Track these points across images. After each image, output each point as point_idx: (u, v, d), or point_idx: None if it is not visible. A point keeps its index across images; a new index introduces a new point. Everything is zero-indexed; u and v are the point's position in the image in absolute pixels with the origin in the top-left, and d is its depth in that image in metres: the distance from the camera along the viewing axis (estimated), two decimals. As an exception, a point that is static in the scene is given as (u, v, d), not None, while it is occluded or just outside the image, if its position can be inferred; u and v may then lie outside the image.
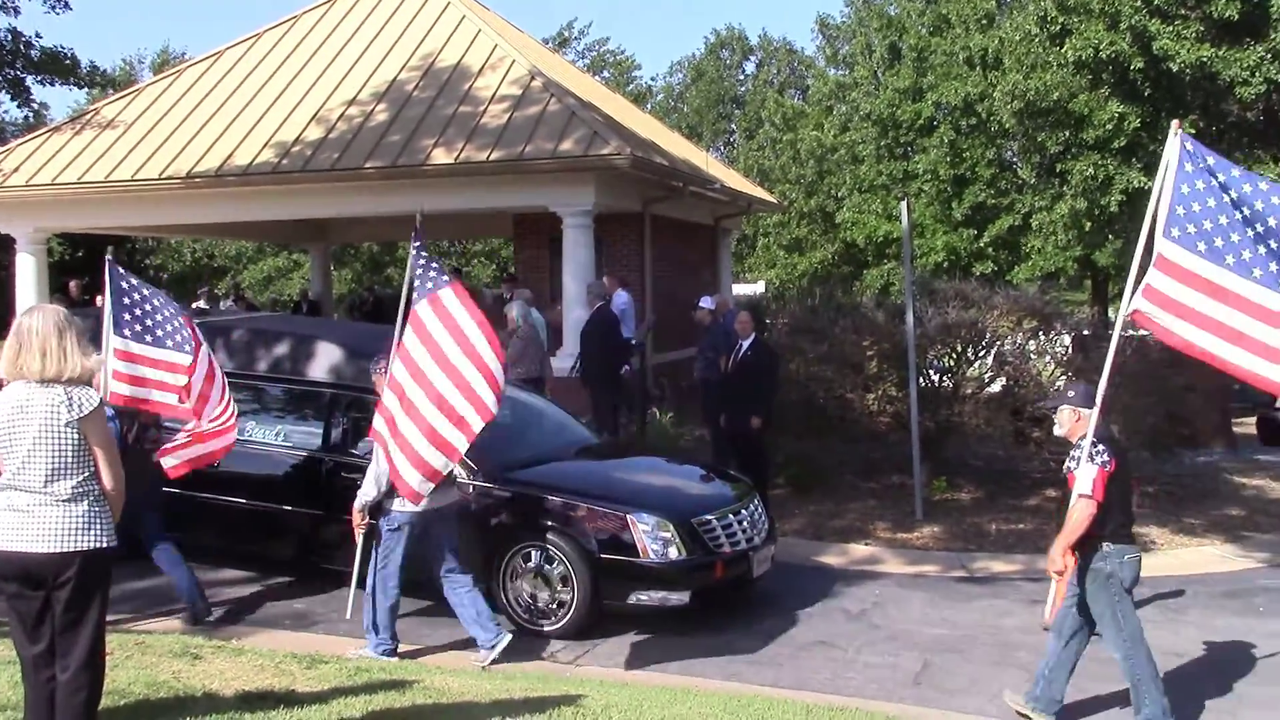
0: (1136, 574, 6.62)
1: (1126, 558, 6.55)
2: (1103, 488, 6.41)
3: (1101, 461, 6.45)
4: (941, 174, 29.93)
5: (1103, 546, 6.51)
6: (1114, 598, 6.51)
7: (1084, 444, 6.56)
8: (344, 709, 5.81)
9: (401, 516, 7.70)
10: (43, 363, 4.51)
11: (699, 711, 6.27)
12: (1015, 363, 13.42)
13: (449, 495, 7.92)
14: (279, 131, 16.62)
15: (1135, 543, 6.73)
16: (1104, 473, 6.43)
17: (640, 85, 51.47)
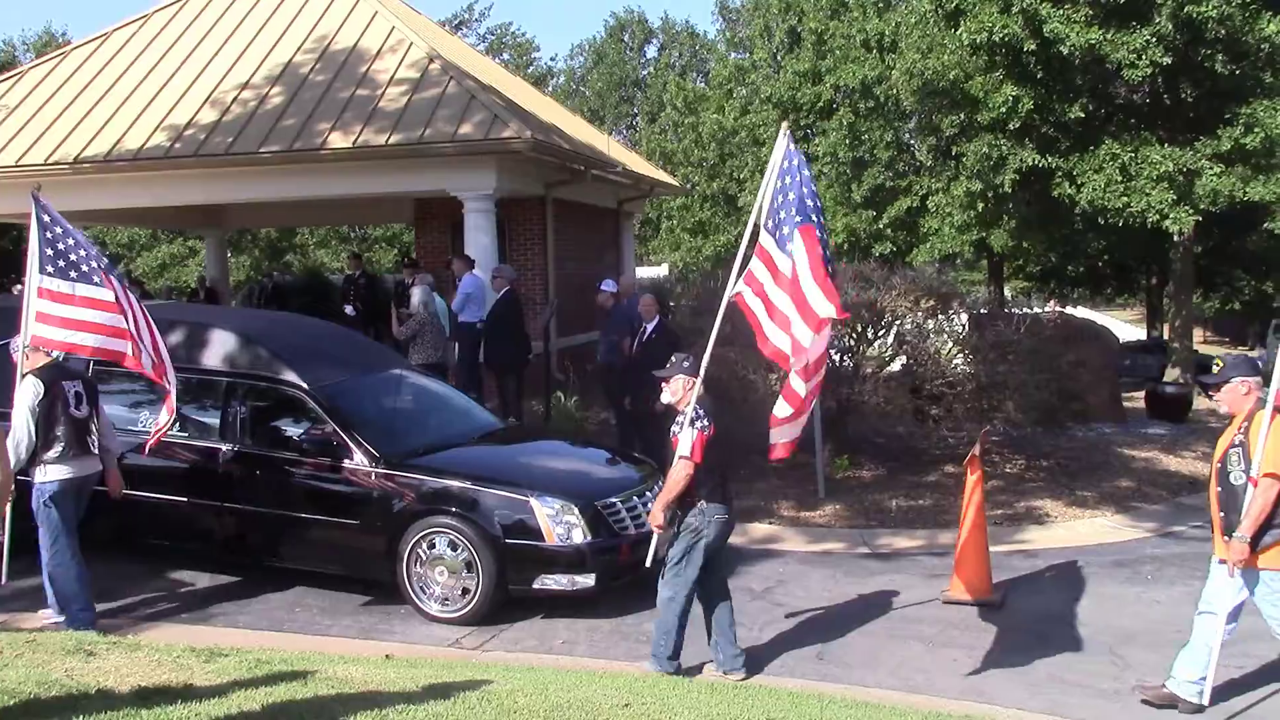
0: (721, 532, 7.21)
1: (716, 517, 7.12)
2: (701, 450, 6.96)
3: (701, 426, 6.98)
4: (841, 156, 30.28)
5: (699, 504, 7.06)
6: (689, 547, 7.08)
7: (687, 410, 7.06)
8: (244, 702, 5.71)
9: (49, 488, 7.75)
10: None
11: (605, 693, 6.28)
12: (914, 342, 13.63)
13: (90, 466, 8.03)
14: (171, 115, 16.22)
15: (726, 503, 7.24)
16: (703, 436, 6.97)
17: (541, 68, 51.22)
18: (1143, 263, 31.58)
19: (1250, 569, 6.42)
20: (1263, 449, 6.29)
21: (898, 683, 7.31)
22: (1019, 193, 21.56)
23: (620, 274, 19.87)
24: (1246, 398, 6.62)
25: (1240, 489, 6.41)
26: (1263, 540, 6.32)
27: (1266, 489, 6.25)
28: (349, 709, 5.60)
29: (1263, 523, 6.29)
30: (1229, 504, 6.50)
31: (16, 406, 7.84)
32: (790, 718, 5.99)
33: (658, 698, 6.25)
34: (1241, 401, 6.62)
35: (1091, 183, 19.86)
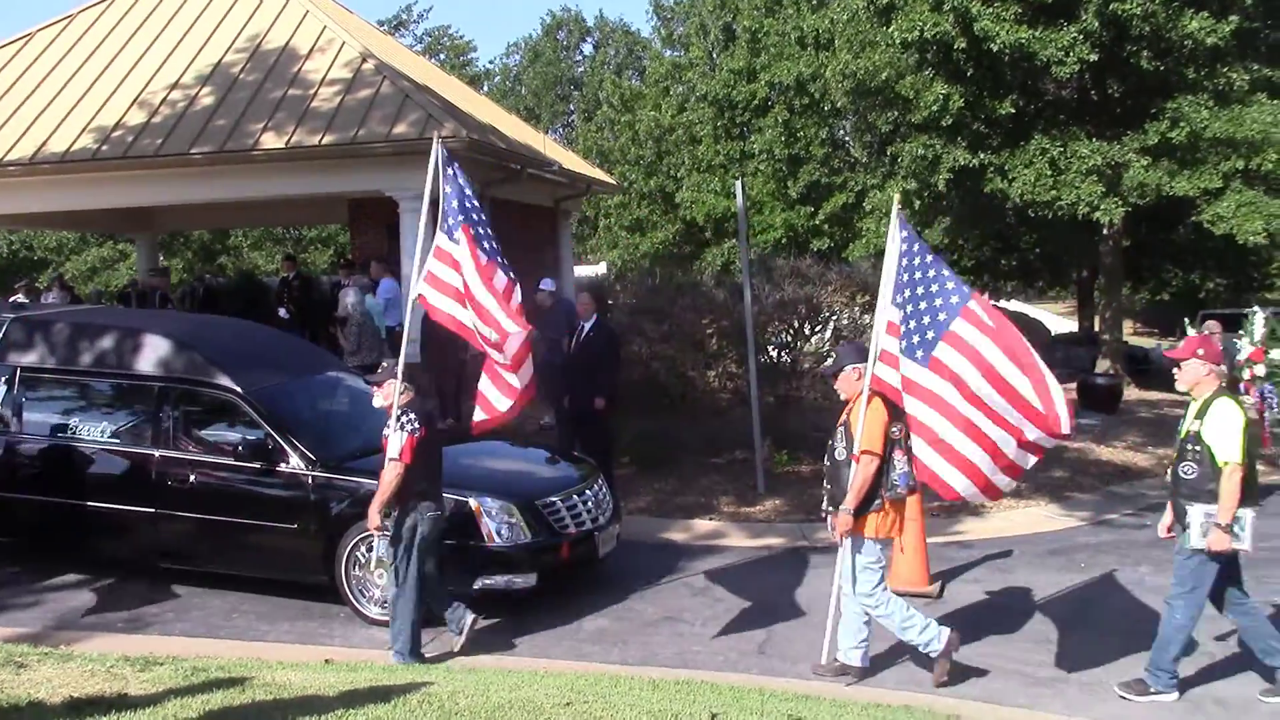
0: (435, 529, 7.48)
1: (429, 514, 7.45)
2: (410, 452, 7.28)
3: (411, 429, 7.32)
4: (777, 153, 30.42)
5: (411, 503, 7.37)
6: (408, 546, 7.39)
7: (395, 414, 7.43)
8: (180, 710, 5.64)
9: None
10: None
11: (546, 692, 6.27)
12: (850, 337, 13.74)
13: None
14: (98, 116, 15.94)
15: (437, 501, 7.57)
16: (412, 439, 7.30)
17: (477, 68, 50.97)
18: (1073, 256, 31.97)
19: (858, 536, 7.01)
20: (862, 429, 6.90)
21: (838, 675, 7.37)
22: (952, 190, 21.79)
23: (558, 273, 19.85)
24: (859, 382, 7.16)
25: (844, 464, 7.03)
26: (865, 511, 6.94)
27: (866, 464, 6.86)
28: (287, 714, 5.55)
29: (865, 495, 6.89)
30: (833, 478, 7.15)
31: None
32: (732, 711, 6.01)
33: (600, 695, 6.25)
34: (855, 386, 7.19)
35: (1022, 177, 20.10)
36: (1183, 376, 6.84)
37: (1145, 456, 14.80)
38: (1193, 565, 6.68)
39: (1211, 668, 7.39)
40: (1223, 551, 6.55)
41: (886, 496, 6.99)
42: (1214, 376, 6.75)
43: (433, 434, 7.63)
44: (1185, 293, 38.15)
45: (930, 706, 6.64)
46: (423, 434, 7.37)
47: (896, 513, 7.08)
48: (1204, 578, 6.69)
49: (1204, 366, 6.74)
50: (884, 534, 7.03)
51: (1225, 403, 6.61)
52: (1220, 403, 6.61)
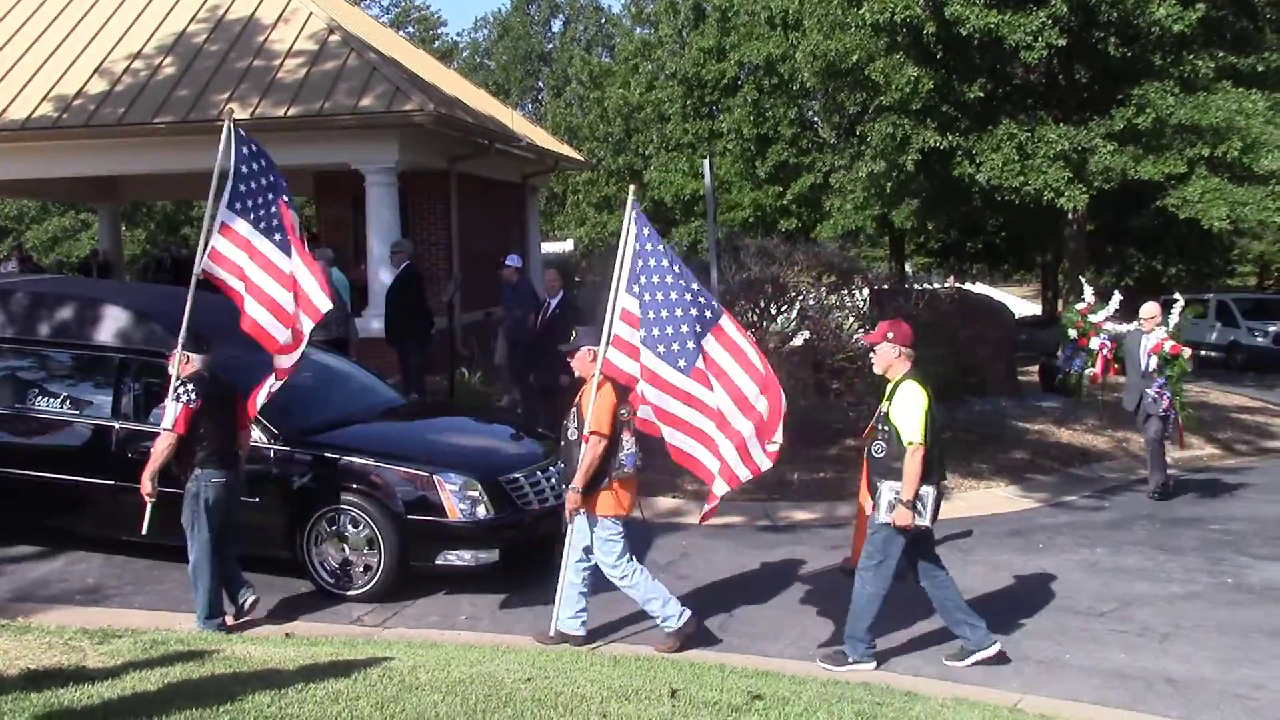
0: (220, 496, 7.58)
1: (212, 480, 7.54)
2: (185, 422, 7.43)
3: (187, 399, 7.45)
4: (745, 133, 30.44)
5: (195, 471, 7.52)
6: (194, 513, 7.53)
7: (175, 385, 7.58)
8: (139, 683, 5.62)
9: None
10: None
11: (507, 667, 6.29)
12: (816, 317, 13.78)
13: None
14: (59, 84, 15.72)
15: (223, 468, 7.63)
16: (187, 409, 7.44)
17: (445, 41, 50.63)
18: (1038, 240, 32.26)
19: (590, 514, 7.21)
20: (591, 411, 7.12)
21: (798, 652, 7.43)
22: (921, 172, 21.86)
23: (524, 249, 19.79)
24: (594, 364, 7.33)
25: (575, 444, 7.23)
26: (595, 489, 7.13)
27: (594, 445, 7.06)
28: (247, 688, 5.54)
29: (594, 474, 7.08)
30: (567, 457, 7.39)
31: None
32: (693, 687, 6.05)
33: (560, 671, 6.28)
34: (589, 367, 7.36)
35: (990, 162, 20.20)
36: (877, 360, 7.10)
37: (1104, 439, 14.97)
38: (881, 539, 6.96)
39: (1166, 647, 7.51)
40: (906, 527, 6.78)
41: (615, 476, 7.17)
42: (904, 359, 6.97)
43: (218, 405, 7.68)
44: (1148, 278, 38.52)
45: (888, 683, 6.70)
46: (198, 405, 7.45)
47: (627, 491, 7.29)
48: (891, 550, 6.94)
49: (895, 350, 6.96)
50: (616, 511, 7.24)
51: (910, 385, 6.83)
52: (906, 385, 6.85)
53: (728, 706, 5.75)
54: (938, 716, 6.03)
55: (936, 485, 6.89)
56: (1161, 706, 6.60)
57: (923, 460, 6.71)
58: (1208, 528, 10.76)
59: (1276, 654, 7.39)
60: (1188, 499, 12.20)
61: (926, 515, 6.83)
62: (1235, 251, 38.63)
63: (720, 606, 8.27)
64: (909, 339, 7.04)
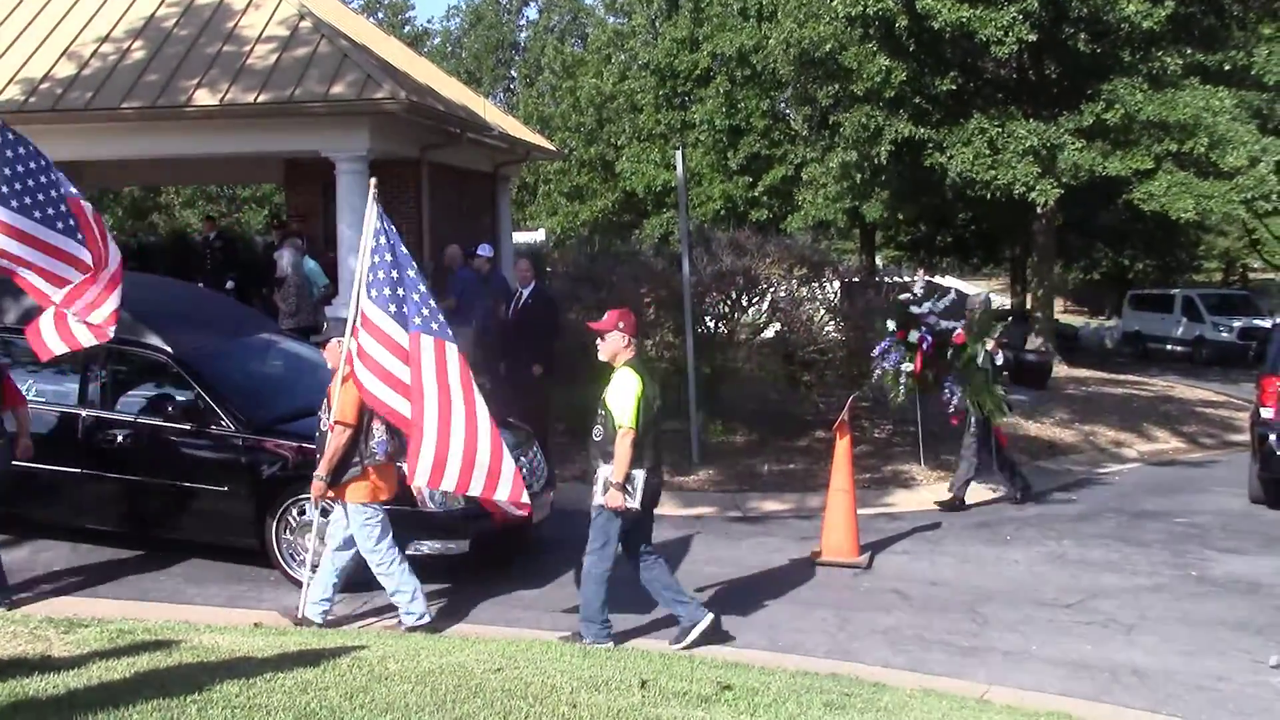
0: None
1: None
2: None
3: None
4: (718, 124, 30.45)
5: None
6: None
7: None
8: (105, 673, 5.57)
9: None
10: None
11: (477, 658, 6.28)
12: (787, 309, 13.82)
13: None
14: (25, 68, 15.53)
15: None
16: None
17: (415, 27, 50.37)
18: (1007, 234, 32.44)
19: (343, 502, 7.35)
20: (337, 401, 7.28)
21: (768, 643, 7.46)
22: (893, 164, 21.95)
23: (495, 238, 19.73)
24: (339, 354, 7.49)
25: (325, 434, 7.37)
26: (344, 478, 7.27)
27: (338, 434, 7.22)
28: (215, 678, 5.50)
29: (338, 462, 7.24)
30: (320, 446, 7.43)
31: None
32: (662, 678, 6.05)
33: (530, 661, 6.27)
34: (338, 357, 7.51)
35: (961, 155, 20.30)
36: (604, 347, 7.20)
37: (1072, 433, 15.09)
38: (600, 521, 7.11)
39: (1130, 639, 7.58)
40: (618, 508, 6.94)
41: (367, 463, 7.31)
42: (630, 348, 7.15)
43: None
44: (1115, 273, 38.87)
45: (856, 674, 6.74)
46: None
47: (384, 479, 7.40)
48: (610, 532, 7.09)
49: (623, 338, 7.11)
50: (369, 498, 7.34)
51: (625, 372, 7.03)
52: (621, 372, 7.05)
53: (697, 697, 5.76)
54: (905, 707, 6.06)
55: (649, 469, 7.04)
56: (1127, 697, 6.67)
57: (633, 444, 6.88)
58: (1173, 521, 10.87)
59: (1240, 646, 7.48)
60: (1153, 492, 12.32)
61: (636, 498, 6.98)
62: (1201, 247, 39.00)
63: (690, 597, 8.29)
64: (634, 329, 7.24)
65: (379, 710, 5.14)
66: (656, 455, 7.18)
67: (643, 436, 6.94)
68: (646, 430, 6.98)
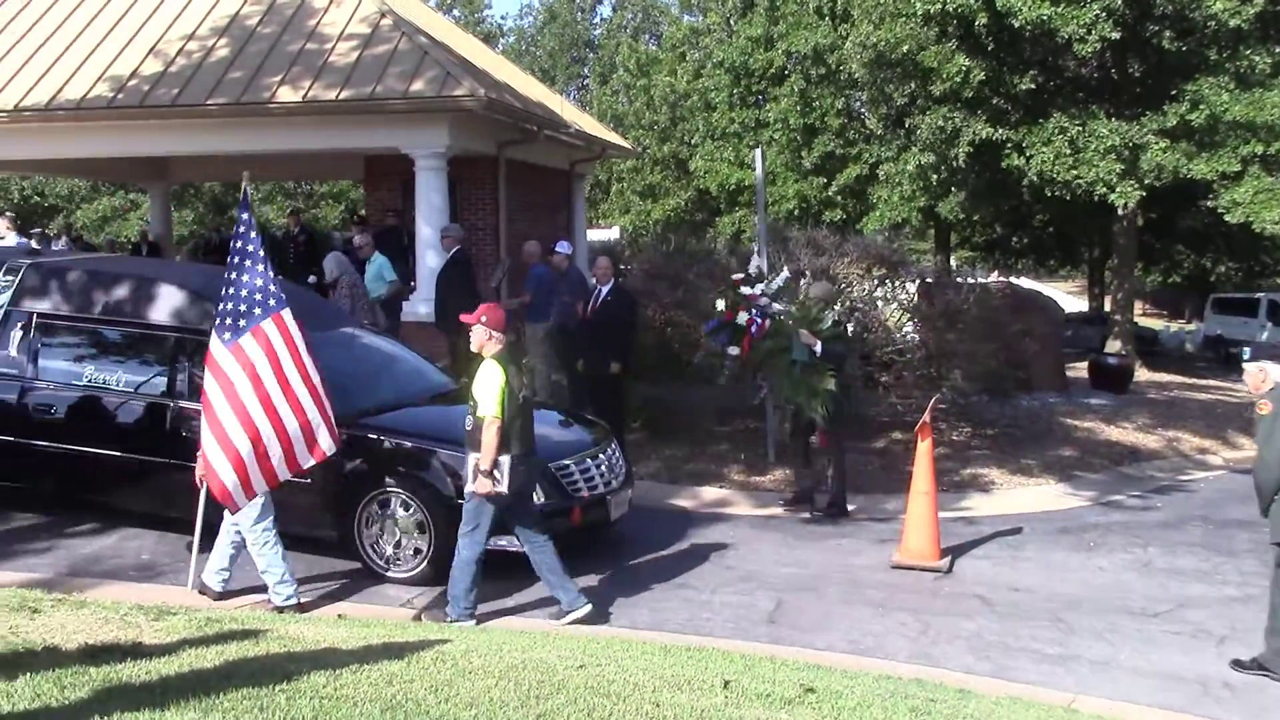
0: None
1: None
2: None
3: None
4: (792, 123, 30.28)
5: None
6: None
7: None
8: (194, 661, 5.65)
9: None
10: None
11: (558, 654, 6.29)
12: (864, 309, 13.70)
13: None
14: (114, 65, 15.84)
15: None
16: None
17: (491, 25, 50.66)
18: (1086, 235, 31.96)
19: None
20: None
21: (848, 646, 7.39)
22: (970, 165, 21.71)
23: (571, 236, 19.76)
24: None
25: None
26: None
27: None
28: (302, 668, 5.56)
29: None
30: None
31: None
32: (744, 679, 6.02)
33: (612, 659, 6.27)
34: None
35: (1040, 155, 20.03)
36: (473, 339, 7.52)
37: (1155, 438, 14.80)
38: (472, 507, 7.39)
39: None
40: (488, 494, 7.24)
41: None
42: (495, 340, 7.41)
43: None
44: (1196, 276, 38.10)
45: (941, 680, 6.65)
46: None
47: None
48: (482, 517, 7.37)
49: (486, 332, 7.41)
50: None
51: (489, 364, 7.32)
52: (485, 364, 7.34)
53: (780, 699, 5.72)
54: (991, 714, 5.97)
55: (516, 456, 7.29)
56: (1220, 711, 6.52)
57: (498, 432, 7.16)
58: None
59: (1335, 660, 7.27)
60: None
61: (504, 483, 7.23)
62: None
63: (768, 598, 8.25)
64: (500, 324, 7.49)
65: (463, 705, 5.16)
66: (525, 442, 7.45)
67: (509, 424, 7.25)
68: (514, 419, 7.29)
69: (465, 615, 7.44)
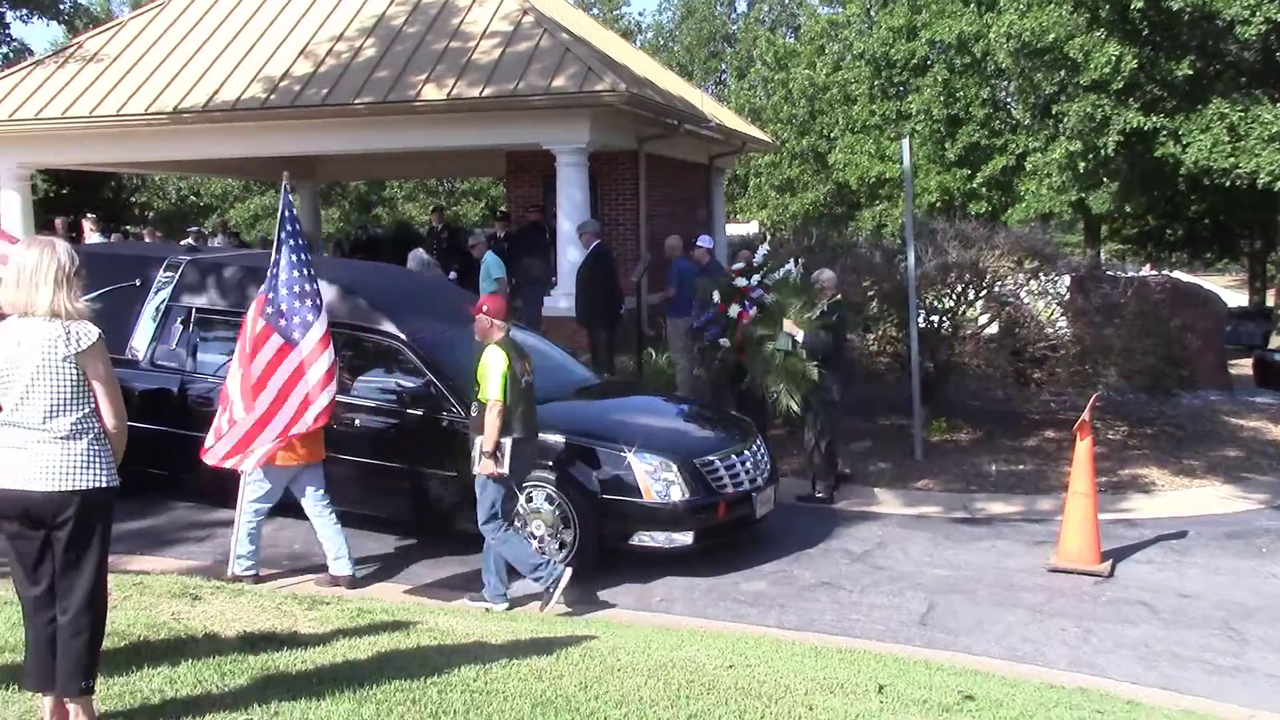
0: None
1: None
2: None
3: None
4: (935, 114, 29.59)
5: None
6: None
7: None
8: (348, 651, 5.70)
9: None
10: (39, 297, 4.33)
11: (706, 653, 6.18)
12: (1015, 303, 13.27)
13: None
14: (266, 66, 16.29)
15: None
16: None
17: (629, 22, 50.80)
18: (1246, 227, 30.63)
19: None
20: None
21: (1004, 651, 7.13)
22: (1120, 154, 20.93)
23: (710, 231, 19.65)
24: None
25: None
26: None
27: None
28: (452, 661, 5.57)
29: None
30: None
31: None
32: (899, 684, 5.84)
33: (762, 659, 6.14)
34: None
35: (1198, 143, 19.21)
36: (476, 328, 7.74)
37: (1328, 439, 14.02)
38: (485, 495, 7.56)
39: None
40: (493, 475, 7.42)
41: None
42: (496, 329, 7.65)
43: None
44: (1366, 268, 36.19)
45: (1107, 690, 6.35)
46: None
47: (302, 443, 7.93)
48: (494, 499, 7.52)
49: (489, 320, 7.65)
50: (281, 463, 7.93)
51: (492, 350, 7.53)
52: (488, 350, 7.55)
53: (938, 706, 5.52)
54: (1164, 728, 5.69)
55: (519, 439, 7.49)
56: None
57: (500, 415, 7.35)
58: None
59: None
60: None
61: (505, 464, 7.41)
62: None
63: (919, 600, 8.02)
64: (502, 312, 7.72)
65: (613, 702, 5.10)
66: (528, 426, 7.64)
67: (512, 408, 7.45)
68: (516, 403, 7.49)
69: (499, 597, 7.65)
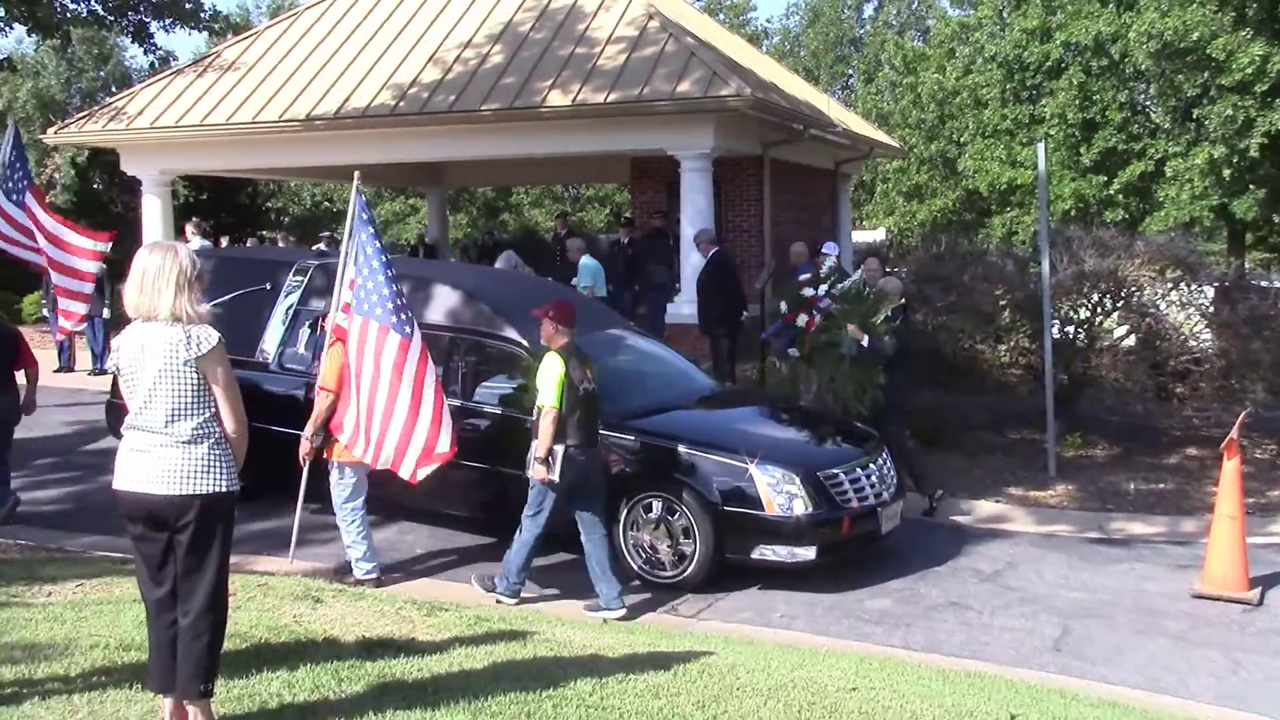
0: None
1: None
2: None
3: None
4: (1070, 118, 28.70)
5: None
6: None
7: None
8: (465, 660, 5.66)
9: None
10: (161, 301, 4.36)
11: (829, 674, 5.99)
12: (1156, 314, 12.75)
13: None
14: (396, 74, 16.51)
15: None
16: None
17: (755, 27, 50.55)
18: (1407, 235, 29.07)
19: (329, 460, 8.06)
20: (323, 368, 8.16)
21: (1145, 681, 6.77)
22: (1266, 157, 20.02)
23: (836, 237, 19.35)
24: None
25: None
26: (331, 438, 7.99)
27: (321, 399, 8.04)
28: (569, 673, 5.49)
29: (323, 424, 7.97)
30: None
31: None
32: (1032, 714, 5.57)
33: (886, 683, 5.92)
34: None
35: (1350, 147, 18.28)
36: (541, 333, 7.77)
37: None
38: (535, 493, 7.60)
39: None
40: (544, 480, 7.44)
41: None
42: (560, 334, 7.63)
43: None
44: None
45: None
46: None
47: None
48: (544, 503, 7.56)
49: (553, 326, 7.65)
50: (352, 459, 7.94)
51: (550, 357, 7.54)
52: (548, 357, 7.56)
53: (1075, 738, 5.25)
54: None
55: (573, 446, 7.47)
56: None
57: (554, 421, 7.37)
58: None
59: None
60: None
61: (556, 471, 7.41)
62: None
63: (1052, 624, 7.68)
64: (568, 319, 7.68)
65: (732, 723, 4.95)
66: (585, 435, 7.58)
67: (567, 416, 7.44)
68: (572, 410, 7.47)
69: (510, 592, 7.73)
